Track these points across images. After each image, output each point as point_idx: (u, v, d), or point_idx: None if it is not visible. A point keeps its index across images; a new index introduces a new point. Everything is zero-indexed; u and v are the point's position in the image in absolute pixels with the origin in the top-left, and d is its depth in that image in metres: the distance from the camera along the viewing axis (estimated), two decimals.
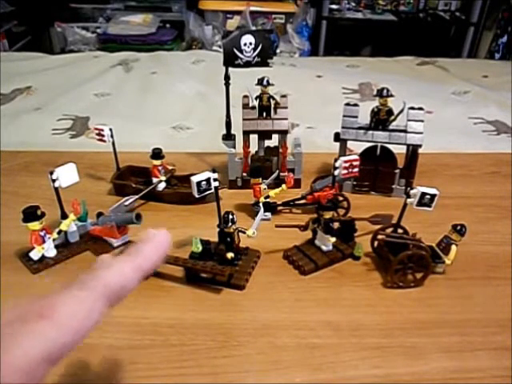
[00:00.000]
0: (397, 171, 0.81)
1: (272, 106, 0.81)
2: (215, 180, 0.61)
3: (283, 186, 0.73)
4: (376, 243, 0.67)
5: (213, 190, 0.61)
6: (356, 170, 0.71)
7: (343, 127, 0.80)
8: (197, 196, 0.60)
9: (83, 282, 0.27)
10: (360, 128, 0.80)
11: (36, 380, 0.23)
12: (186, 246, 0.67)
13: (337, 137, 0.81)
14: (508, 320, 0.56)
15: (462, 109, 1.26)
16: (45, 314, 0.24)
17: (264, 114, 0.81)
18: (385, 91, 0.76)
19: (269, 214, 0.75)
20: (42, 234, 0.64)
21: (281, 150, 0.83)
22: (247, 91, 0.81)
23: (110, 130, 0.80)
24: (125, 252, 0.29)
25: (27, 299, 0.25)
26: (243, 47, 0.79)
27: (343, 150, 0.82)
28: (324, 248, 0.66)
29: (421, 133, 0.77)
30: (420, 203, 0.60)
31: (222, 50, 0.81)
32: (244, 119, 0.81)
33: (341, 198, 0.75)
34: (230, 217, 0.61)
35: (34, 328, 0.23)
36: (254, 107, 0.81)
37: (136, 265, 0.28)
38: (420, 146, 0.78)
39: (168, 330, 0.55)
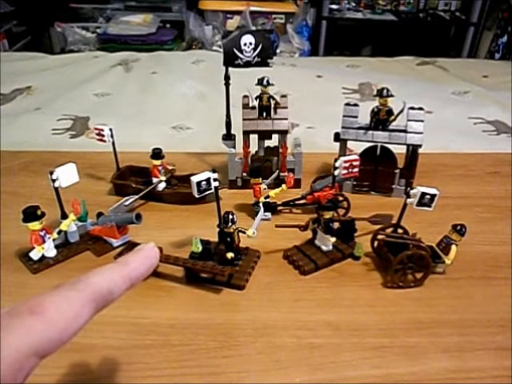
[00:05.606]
0: (397, 171, 0.81)
1: (272, 106, 0.81)
2: (215, 180, 0.61)
3: (283, 185, 0.73)
4: (376, 243, 0.67)
5: (213, 190, 0.61)
6: (356, 170, 0.71)
7: (343, 127, 0.80)
8: (197, 196, 0.60)
9: (73, 284, 0.28)
10: (360, 128, 0.80)
11: (23, 372, 0.24)
12: (186, 245, 0.68)
13: (337, 137, 0.81)
14: (508, 320, 0.56)
15: (461, 109, 1.26)
16: (34, 310, 0.25)
17: (264, 114, 0.81)
18: (385, 91, 0.76)
19: (269, 214, 0.75)
20: (42, 233, 0.64)
21: (281, 150, 0.83)
22: (247, 91, 0.81)
23: (110, 130, 0.80)
24: (115, 261, 0.31)
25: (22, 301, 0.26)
26: (243, 47, 0.79)
27: (343, 150, 0.82)
28: (324, 248, 0.66)
29: (421, 133, 0.77)
30: (420, 203, 0.60)
31: (221, 49, 0.80)
32: (244, 119, 0.81)
33: (341, 198, 0.75)
34: (230, 217, 0.61)
35: (23, 322, 0.24)
36: (254, 107, 0.81)
37: (125, 273, 0.30)
38: (420, 146, 0.78)
39: (168, 330, 0.55)
